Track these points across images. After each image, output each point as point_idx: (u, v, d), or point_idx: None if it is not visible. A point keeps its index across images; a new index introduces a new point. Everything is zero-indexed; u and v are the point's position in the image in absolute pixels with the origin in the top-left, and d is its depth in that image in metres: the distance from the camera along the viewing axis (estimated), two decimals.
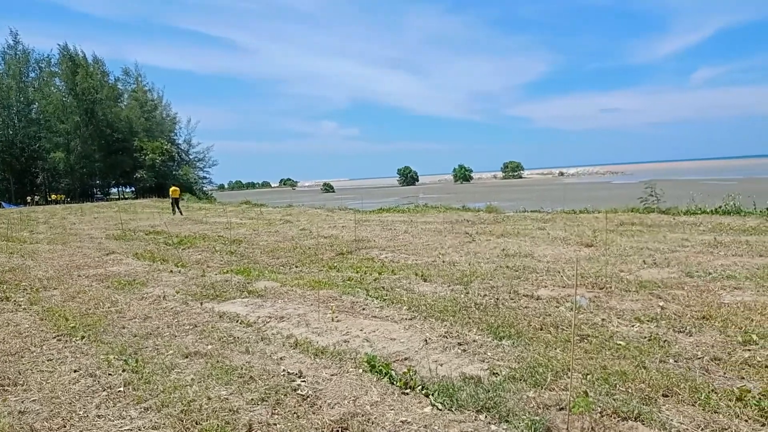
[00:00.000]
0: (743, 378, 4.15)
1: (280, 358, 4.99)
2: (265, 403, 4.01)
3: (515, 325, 5.61)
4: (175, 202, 27.33)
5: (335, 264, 9.99)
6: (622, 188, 39.52)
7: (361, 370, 4.57)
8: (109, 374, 4.74)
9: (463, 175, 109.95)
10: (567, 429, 3.36)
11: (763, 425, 3.41)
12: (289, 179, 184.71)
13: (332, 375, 4.52)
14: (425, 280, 8.20)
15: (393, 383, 4.26)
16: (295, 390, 4.21)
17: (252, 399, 4.07)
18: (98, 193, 60.66)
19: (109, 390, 4.39)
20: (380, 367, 4.48)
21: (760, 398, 3.70)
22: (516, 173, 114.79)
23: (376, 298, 7.10)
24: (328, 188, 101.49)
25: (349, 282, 8.22)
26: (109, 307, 7.25)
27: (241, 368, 4.70)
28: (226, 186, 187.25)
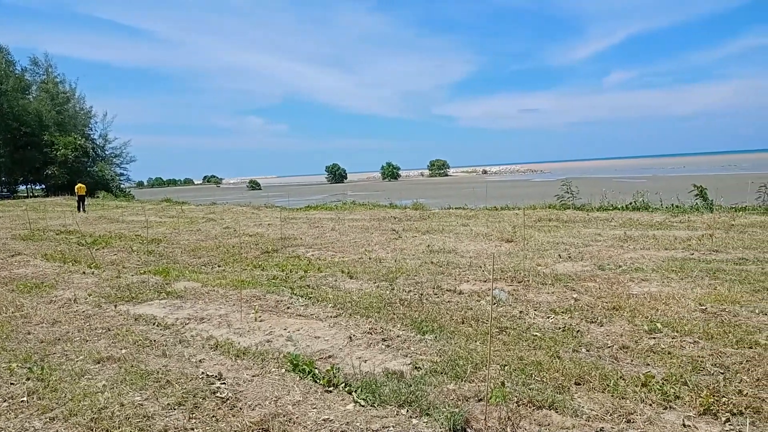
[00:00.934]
0: (648, 364, 4.41)
1: (200, 361, 4.82)
2: (182, 407, 3.86)
3: (438, 320, 5.71)
4: (81, 199, 26.41)
5: (260, 263, 9.79)
6: (542, 186, 41.21)
7: (283, 370, 4.50)
8: (11, 383, 4.41)
9: (391, 172, 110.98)
10: (485, 419, 3.45)
11: (666, 408, 3.63)
12: (214, 176, 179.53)
13: (254, 376, 4.41)
14: (351, 277, 8.19)
15: (316, 382, 4.22)
16: (214, 393, 4.08)
17: (168, 404, 3.91)
18: (4, 190, 56.44)
19: (10, 400, 4.08)
20: (303, 366, 4.43)
21: (663, 383, 3.94)
22: (442, 171, 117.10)
23: (302, 297, 7.01)
24: (254, 185, 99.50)
25: (273, 281, 8.07)
26: (13, 312, 6.75)
27: (157, 372, 4.50)
28: (145, 183, 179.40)
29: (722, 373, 4.08)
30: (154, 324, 6.07)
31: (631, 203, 16.68)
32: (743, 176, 30.12)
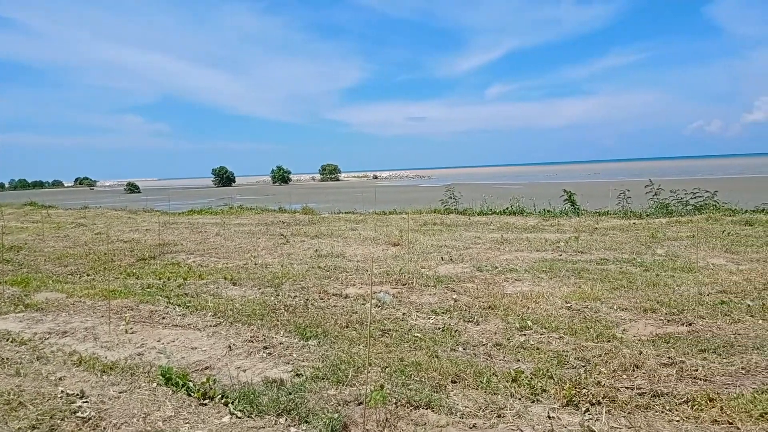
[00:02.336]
0: (519, 360, 4.66)
1: (59, 379, 4.41)
2: (36, 430, 3.50)
3: (322, 325, 5.67)
4: None
5: (134, 271, 9.19)
6: (429, 191, 42.57)
7: (155, 384, 4.23)
8: None
9: (281, 176, 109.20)
10: (364, 423, 3.46)
11: (533, 401, 3.85)
12: (87, 178, 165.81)
13: (121, 392, 4.11)
14: (235, 284, 7.93)
15: (190, 395, 4.01)
16: (74, 413, 3.74)
17: (20, 428, 3.53)
18: None
19: None
20: (177, 379, 4.19)
21: (531, 377, 4.18)
22: (333, 176, 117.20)
23: (179, 306, 6.66)
24: (132, 188, 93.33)
25: (149, 290, 7.60)
26: None
27: (9, 393, 4.06)
28: (6, 185, 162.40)
29: (584, 366, 4.40)
30: (8, 340, 5.48)
31: (508, 208, 17.67)
32: (606, 183, 33.04)
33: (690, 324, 5.45)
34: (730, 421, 3.39)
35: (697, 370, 4.22)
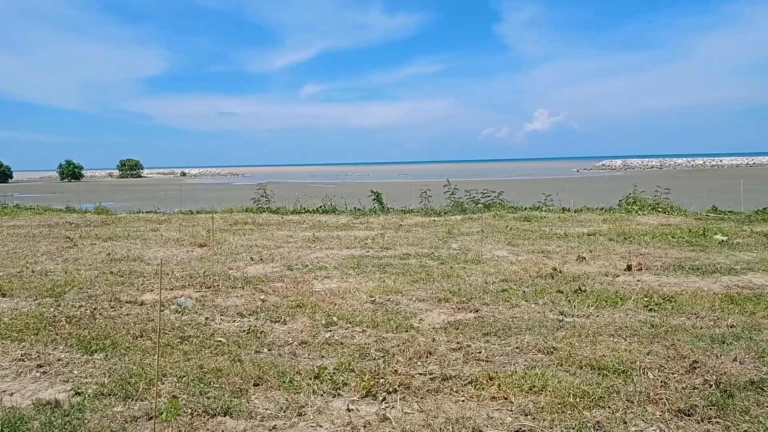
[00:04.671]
0: (323, 356, 4.71)
1: None
2: None
3: (111, 336, 5.14)
4: None
5: None
6: (242, 189, 41.30)
7: None
8: None
9: (72, 172, 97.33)
10: None
11: (334, 396, 3.90)
12: None
13: None
14: (4, 296, 6.86)
15: None
16: None
17: None
18: None
19: None
20: None
21: (333, 372, 4.24)
22: (135, 172, 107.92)
23: None
24: None
25: None
26: None
27: None
28: None
29: (383, 357, 4.59)
30: None
31: (321, 207, 17.93)
32: (412, 183, 35.30)
33: (477, 311, 6.00)
34: (506, 396, 3.79)
35: (480, 353, 4.66)
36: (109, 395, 3.83)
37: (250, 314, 5.96)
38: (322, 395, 3.89)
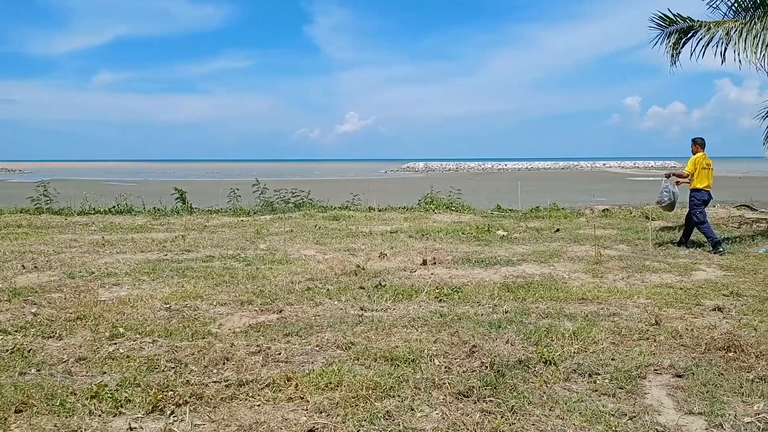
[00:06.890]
0: (105, 372, 4.25)
1: None
2: None
3: None
4: None
5: None
6: (18, 187, 35.86)
7: None
8: None
9: None
10: None
11: (115, 415, 3.54)
12: None
13: None
14: None
15: None
16: None
17: None
18: None
19: None
20: None
21: (115, 389, 3.84)
22: None
23: None
24: None
25: None
26: None
27: None
28: None
29: (174, 368, 4.29)
30: None
31: (114, 207, 16.40)
32: (220, 182, 33.92)
33: (280, 311, 5.93)
34: (302, 396, 3.78)
35: (280, 354, 4.60)
36: None
37: (16, 331, 5.16)
38: (100, 416, 3.50)
